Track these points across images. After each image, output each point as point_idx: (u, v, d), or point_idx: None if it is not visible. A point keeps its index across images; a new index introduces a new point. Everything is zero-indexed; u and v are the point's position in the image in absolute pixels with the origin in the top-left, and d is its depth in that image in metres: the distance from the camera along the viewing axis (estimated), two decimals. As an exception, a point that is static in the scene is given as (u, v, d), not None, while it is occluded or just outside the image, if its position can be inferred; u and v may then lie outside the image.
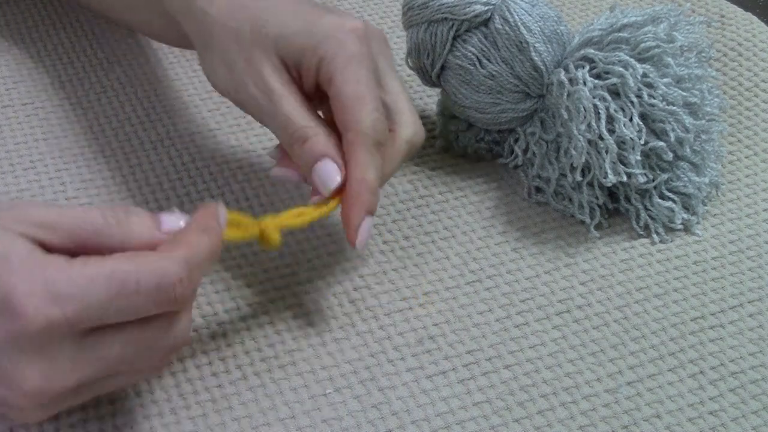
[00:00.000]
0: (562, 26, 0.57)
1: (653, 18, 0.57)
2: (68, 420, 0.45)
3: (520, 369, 0.49)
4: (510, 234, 0.57)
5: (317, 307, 0.52)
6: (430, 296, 0.53)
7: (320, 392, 0.47)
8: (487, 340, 0.51)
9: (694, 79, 0.57)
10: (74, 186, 0.58)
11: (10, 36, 0.70)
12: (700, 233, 0.58)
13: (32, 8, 0.73)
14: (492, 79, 0.57)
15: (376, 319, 0.51)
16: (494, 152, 0.62)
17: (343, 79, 0.46)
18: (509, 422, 0.47)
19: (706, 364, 0.50)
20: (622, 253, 0.56)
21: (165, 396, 0.46)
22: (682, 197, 0.58)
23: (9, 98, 0.64)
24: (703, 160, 0.59)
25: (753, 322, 0.53)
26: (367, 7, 0.76)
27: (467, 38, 0.57)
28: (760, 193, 0.61)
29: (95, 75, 0.67)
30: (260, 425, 0.45)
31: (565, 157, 0.57)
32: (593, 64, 0.55)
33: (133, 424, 0.45)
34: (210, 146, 0.61)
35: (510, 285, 0.54)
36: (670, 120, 0.55)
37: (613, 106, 0.54)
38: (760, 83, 0.69)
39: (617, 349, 0.51)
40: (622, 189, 0.58)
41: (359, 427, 0.46)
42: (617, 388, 0.49)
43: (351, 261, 0.54)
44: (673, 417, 0.47)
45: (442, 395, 0.48)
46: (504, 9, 0.56)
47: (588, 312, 0.53)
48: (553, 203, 0.59)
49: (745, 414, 0.48)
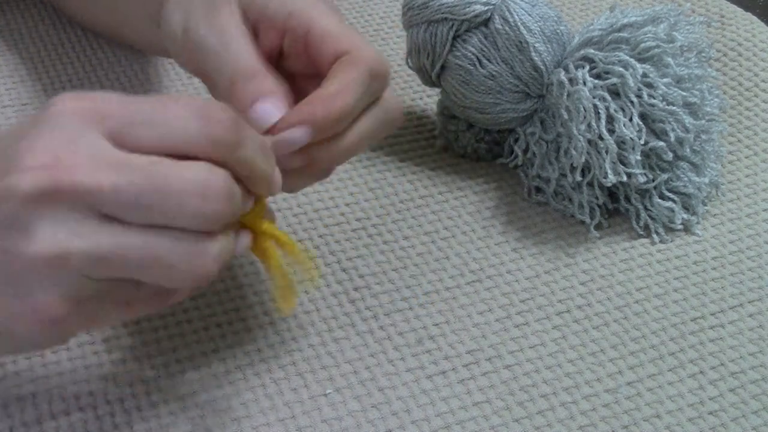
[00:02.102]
0: (562, 26, 0.57)
1: (653, 18, 0.57)
2: (68, 419, 0.45)
3: (520, 369, 0.49)
4: (510, 234, 0.57)
5: (317, 307, 0.52)
6: (430, 296, 0.53)
7: (320, 392, 0.47)
8: (487, 340, 0.51)
9: (694, 79, 0.57)
10: (74, 186, 0.58)
11: (10, 36, 0.70)
12: (700, 233, 0.58)
13: (32, 8, 0.73)
14: (492, 79, 0.57)
15: (376, 319, 0.51)
16: (494, 152, 0.62)
17: (326, 22, 0.44)
18: (509, 422, 0.47)
19: (706, 364, 0.50)
20: (622, 253, 0.56)
21: (164, 396, 0.46)
22: (682, 197, 0.58)
23: (9, 98, 0.64)
24: (703, 160, 0.59)
25: (753, 322, 0.53)
26: (367, 7, 0.76)
27: (467, 38, 0.57)
28: (760, 193, 0.61)
29: (95, 75, 0.67)
30: (260, 425, 0.45)
31: (565, 157, 0.57)
32: (593, 64, 0.55)
33: (133, 424, 0.45)
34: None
35: (510, 285, 0.54)
36: (670, 120, 0.55)
37: (613, 106, 0.54)
38: (760, 83, 0.69)
39: (617, 349, 0.51)
40: (622, 189, 0.58)
41: (359, 427, 0.46)
42: (617, 388, 0.49)
43: (351, 261, 0.54)
44: (673, 417, 0.47)
45: (442, 395, 0.48)
46: (504, 9, 0.56)
47: (588, 312, 0.53)
48: (553, 203, 0.59)
49: (745, 414, 0.48)
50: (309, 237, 0.56)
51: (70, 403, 0.46)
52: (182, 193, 0.35)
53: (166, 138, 0.36)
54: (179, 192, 0.35)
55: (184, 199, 0.35)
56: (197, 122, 0.36)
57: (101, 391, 0.46)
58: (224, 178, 0.37)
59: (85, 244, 0.35)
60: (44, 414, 0.45)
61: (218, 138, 0.37)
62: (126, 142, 0.36)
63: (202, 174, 0.36)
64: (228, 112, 0.37)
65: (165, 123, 0.36)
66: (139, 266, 0.36)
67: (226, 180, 0.37)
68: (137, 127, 0.36)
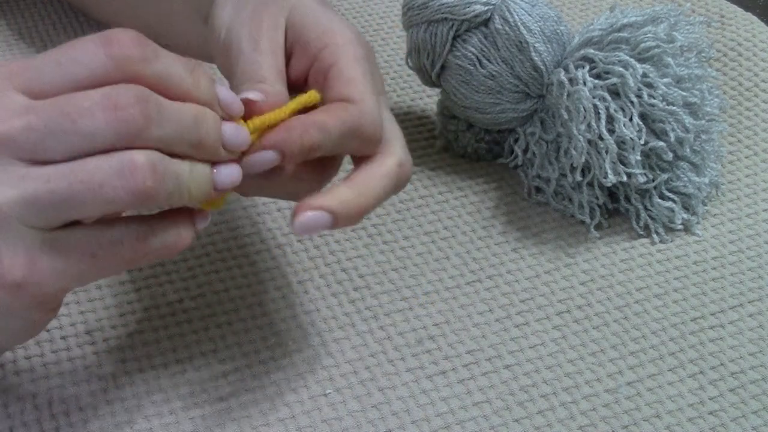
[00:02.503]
0: (562, 26, 0.57)
1: (653, 18, 0.57)
2: (68, 419, 0.45)
3: (520, 369, 0.49)
4: (510, 234, 0.57)
5: (317, 307, 0.52)
6: (430, 296, 0.53)
7: (320, 392, 0.47)
8: (487, 340, 0.51)
9: (694, 79, 0.57)
10: (74, 186, 0.58)
11: (11, 36, 0.70)
12: (700, 233, 0.58)
13: (32, 8, 0.73)
14: (492, 79, 0.57)
15: (376, 319, 0.51)
16: (494, 152, 0.62)
17: (346, 63, 0.44)
18: (509, 422, 0.47)
19: (706, 364, 0.50)
20: (622, 253, 0.56)
21: (164, 396, 0.46)
22: (682, 197, 0.58)
23: (9, 98, 0.64)
24: (703, 160, 0.59)
25: (753, 322, 0.53)
26: (367, 7, 0.76)
27: (467, 38, 0.57)
28: (760, 193, 0.61)
29: (95, 75, 0.67)
30: (260, 425, 0.45)
31: (565, 157, 0.57)
32: (593, 64, 0.55)
33: (133, 423, 0.45)
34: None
35: (510, 285, 0.54)
36: (670, 120, 0.55)
37: (613, 106, 0.54)
38: (760, 83, 0.69)
39: (617, 349, 0.51)
40: (622, 189, 0.58)
41: (359, 427, 0.46)
42: (617, 388, 0.49)
43: (351, 261, 0.54)
44: (673, 417, 0.47)
45: (442, 395, 0.48)
46: (504, 9, 0.56)
47: (588, 312, 0.53)
48: (553, 203, 0.59)
49: (745, 414, 0.48)
50: (309, 236, 0.56)
51: (70, 403, 0.46)
52: (92, 109, 0.35)
53: (74, 73, 0.36)
54: (88, 110, 0.35)
55: (95, 115, 0.35)
56: (99, 49, 0.36)
57: (101, 391, 0.46)
58: (135, 88, 0.36)
59: (13, 191, 0.35)
60: (44, 414, 0.45)
61: (119, 55, 0.36)
62: (38, 90, 0.36)
63: (107, 90, 0.35)
64: (130, 32, 0.37)
65: (71, 60, 0.36)
66: (70, 198, 0.35)
67: (136, 88, 0.36)
68: (45, 71, 0.36)
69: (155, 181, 0.36)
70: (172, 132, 0.37)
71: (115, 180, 0.35)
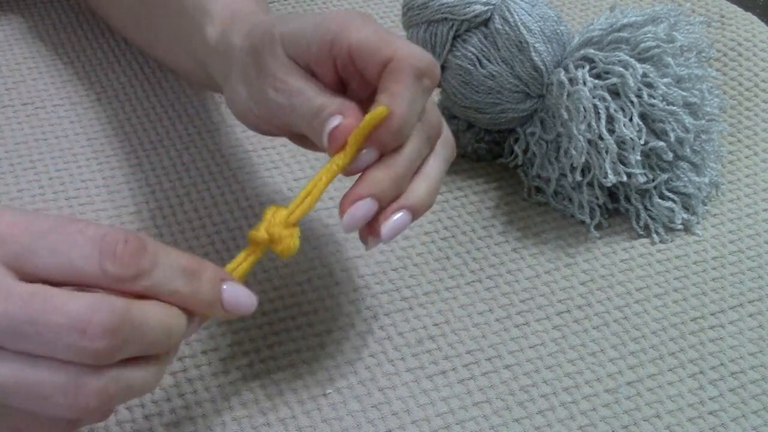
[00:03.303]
0: (562, 26, 0.57)
1: (653, 18, 0.57)
2: (68, 420, 0.45)
3: (520, 369, 0.49)
4: (510, 234, 0.57)
5: (317, 307, 0.52)
6: (430, 296, 0.53)
7: (320, 392, 0.47)
8: (487, 340, 0.51)
9: (694, 79, 0.57)
10: (74, 186, 0.58)
11: (11, 36, 0.70)
12: (700, 233, 0.58)
13: (32, 8, 0.73)
14: (492, 79, 0.57)
15: (376, 319, 0.51)
16: (494, 152, 0.62)
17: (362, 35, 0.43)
18: (509, 422, 0.47)
19: (706, 364, 0.50)
20: (622, 253, 0.56)
21: (165, 396, 0.46)
22: (682, 197, 0.58)
23: (9, 98, 0.64)
24: (703, 160, 0.59)
25: (753, 322, 0.53)
26: (367, 8, 0.76)
27: (467, 38, 0.57)
28: (760, 193, 0.61)
29: (95, 75, 0.67)
30: (260, 425, 0.45)
31: (565, 157, 0.57)
32: (593, 64, 0.55)
33: (134, 423, 0.45)
34: (210, 146, 0.61)
35: (510, 285, 0.54)
36: (670, 120, 0.55)
37: (613, 106, 0.54)
38: (760, 83, 0.69)
39: (617, 349, 0.51)
40: (622, 189, 0.58)
41: (359, 427, 0.46)
42: (617, 388, 0.49)
43: (351, 261, 0.54)
44: (673, 417, 0.47)
45: (442, 395, 0.48)
46: (504, 9, 0.56)
47: (588, 312, 0.53)
48: (553, 203, 0.59)
49: (745, 414, 0.48)
50: (307, 237, 0.56)
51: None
52: (59, 327, 0.34)
53: (63, 267, 0.36)
54: (56, 325, 0.34)
55: (61, 333, 0.34)
56: (94, 253, 0.36)
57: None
58: (111, 314, 0.35)
59: None
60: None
61: (112, 273, 0.36)
62: (24, 268, 0.35)
63: (83, 309, 0.35)
64: (131, 242, 0.36)
65: (63, 252, 0.36)
66: (12, 393, 0.35)
67: (112, 315, 0.35)
68: (35, 254, 0.36)
69: (101, 402, 0.36)
70: (137, 351, 0.37)
71: (60, 397, 0.35)
